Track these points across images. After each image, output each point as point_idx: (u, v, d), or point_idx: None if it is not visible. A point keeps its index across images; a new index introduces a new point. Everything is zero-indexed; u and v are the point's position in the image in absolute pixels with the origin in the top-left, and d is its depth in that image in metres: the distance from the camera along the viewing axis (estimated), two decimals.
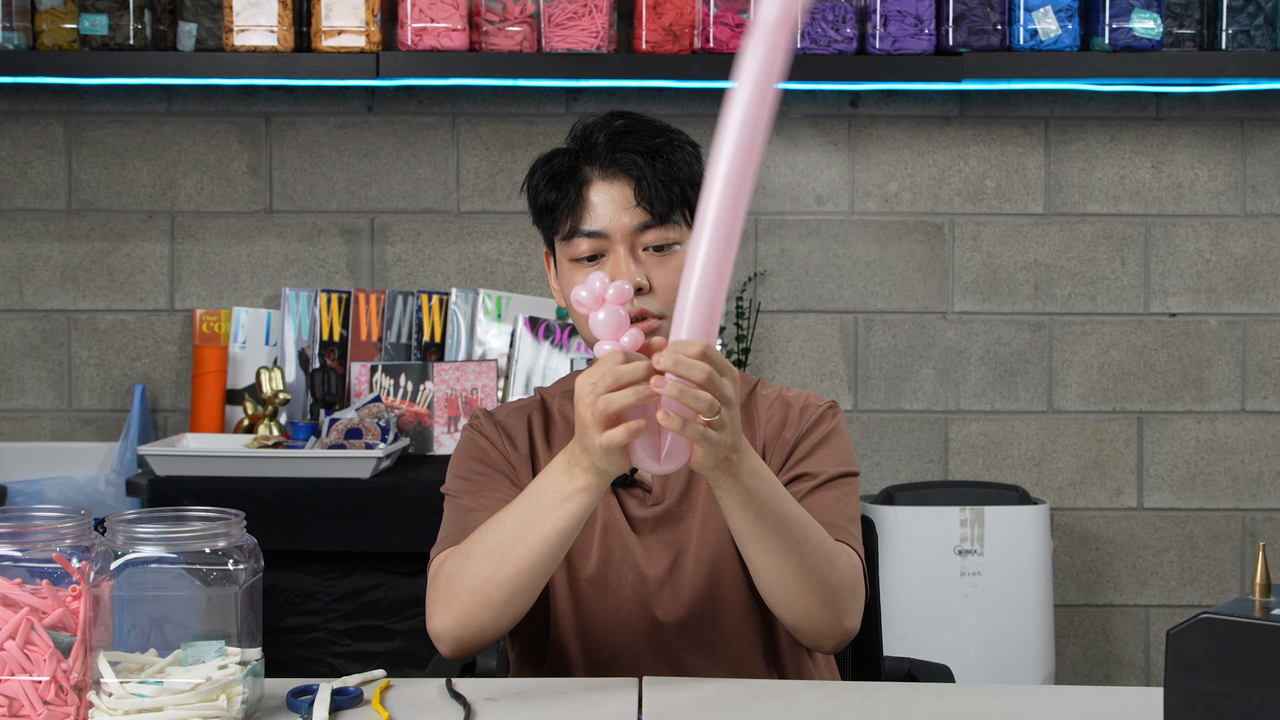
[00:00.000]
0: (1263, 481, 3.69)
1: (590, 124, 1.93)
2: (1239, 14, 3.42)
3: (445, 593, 1.79)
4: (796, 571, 1.74)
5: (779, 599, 1.77)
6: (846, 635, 1.82)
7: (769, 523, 1.70)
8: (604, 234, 1.88)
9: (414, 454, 3.45)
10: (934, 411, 3.68)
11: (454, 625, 1.78)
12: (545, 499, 1.71)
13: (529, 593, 1.75)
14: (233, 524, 1.58)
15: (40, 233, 3.62)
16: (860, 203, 3.65)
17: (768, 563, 1.74)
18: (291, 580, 3.14)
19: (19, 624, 1.53)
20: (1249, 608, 1.35)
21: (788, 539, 1.72)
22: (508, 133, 3.63)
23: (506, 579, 1.73)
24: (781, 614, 1.80)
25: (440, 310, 3.57)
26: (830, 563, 1.77)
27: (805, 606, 1.77)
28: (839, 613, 1.79)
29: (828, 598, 1.77)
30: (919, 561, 3.34)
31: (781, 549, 1.72)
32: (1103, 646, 3.70)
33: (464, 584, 1.76)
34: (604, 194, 1.89)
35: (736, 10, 3.39)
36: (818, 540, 1.75)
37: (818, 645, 1.84)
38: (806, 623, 1.79)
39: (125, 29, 3.36)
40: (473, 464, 1.95)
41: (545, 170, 1.93)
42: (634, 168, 1.88)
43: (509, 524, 1.74)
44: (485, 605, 1.75)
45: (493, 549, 1.74)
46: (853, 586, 1.81)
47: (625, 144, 1.90)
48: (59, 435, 3.63)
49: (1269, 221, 3.67)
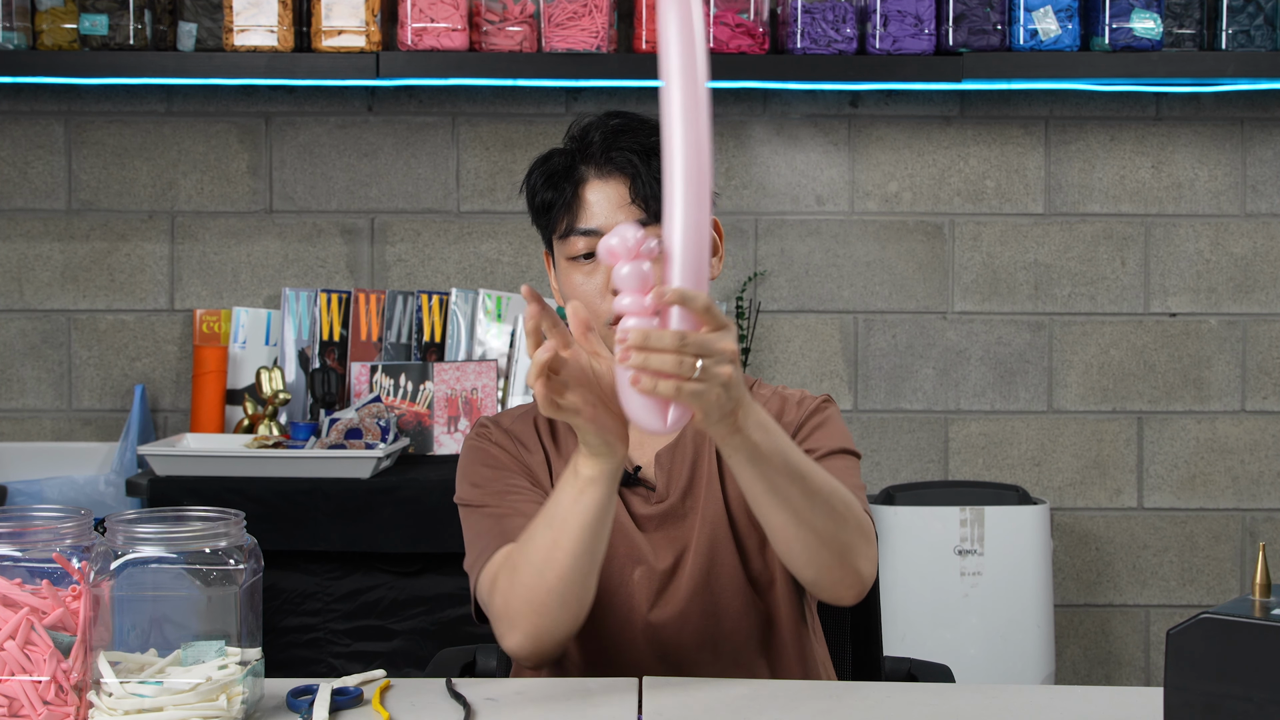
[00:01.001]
0: (1263, 481, 3.69)
1: (587, 124, 1.95)
2: (1239, 14, 3.42)
3: (505, 614, 1.80)
4: (814, 524, 1.72)
5: (798, 555, 1.76)
6: (865, 584, 1.80)
7: (780, 477, 1.69)
8: (599, 232, 1.89)
9: (414, 454, 3.45)
10: (934, 411, 3.68)
11: (525, 641, 1.79)
12: (564, 496, 1.73)
13: (580, 591, 1.76)
14: (233, 524, 1.58)
15: (40, 233, 3.62)
16: (860, 203, 3.65)
17: (783, 519, 1.72)
18: (291, 580, 3.14)
19: (19, 624, 1.53)
20: (1249, 608, 1.35)
21: (800, 491, 1.70)
22: (508, 133, 3.63)
23: (553, 584, 1.74)
24: (801, 570, 1.78)
25: (440, 310, 3.57)
26: (845, 510, 1.75)
27: (824, 560, 1.75)
28: (856, 560, 1.77)
29: (844, 547, 1.75)
30: (919, 561, 3.34)
31: (795, 502, 1.70)
32: (1103, 646, 3.70)
33: (519, 600, 1.77)
34: (599, 192, 1.90)
35: (736, 10, 3.39)
36: (829, 490, 1.74)
37: (838, 598, 1.82)
38: (826, 575, 1.77)
39: (125, 29, 3.36)
40: (487, 471, 1.96)
41: (542, 170, 1.94)
42: (628, 166, 1.89)
43: (540, 531, 1.76)
44: (543, 614, 1.76)
45: (534, 559, 1.75)
46: (867, 533, 1.80)
47: (620, 143, 1.91)
48: (59, 435, 3.63)
49: (1269, 221, 3.67)
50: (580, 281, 1.91)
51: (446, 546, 3.02)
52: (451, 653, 2.18)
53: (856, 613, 2.23)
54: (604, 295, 1.89)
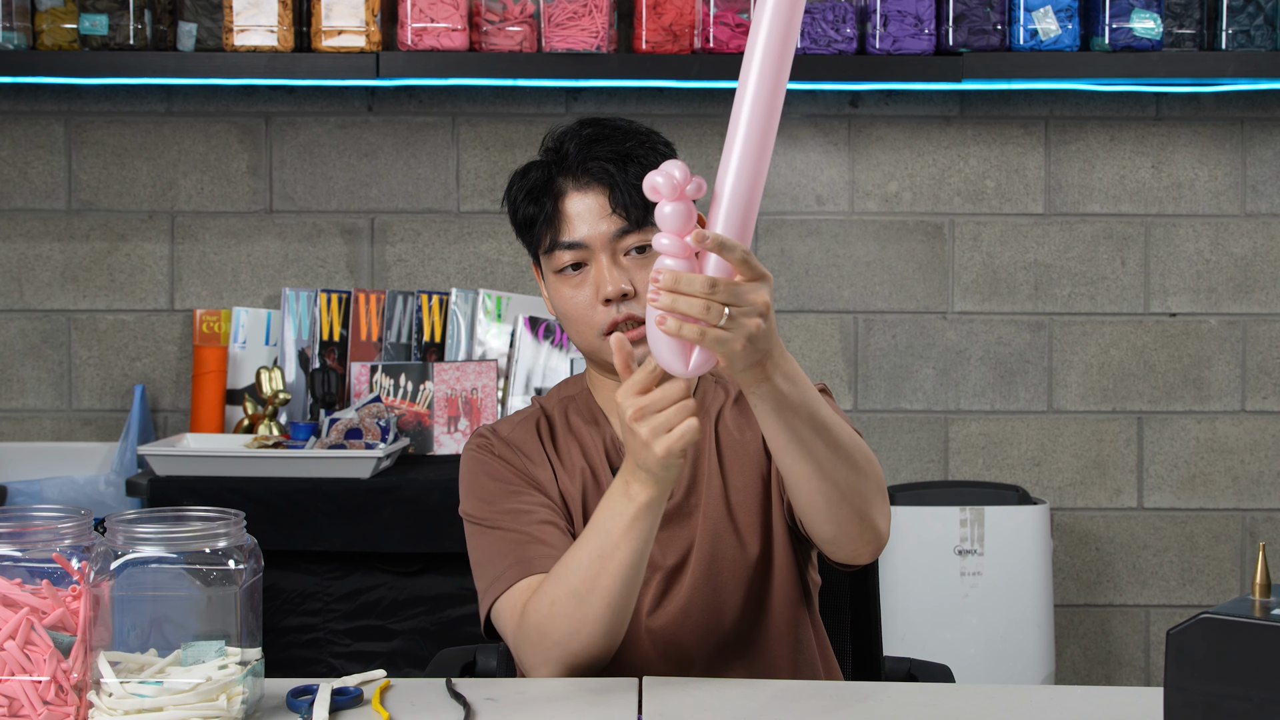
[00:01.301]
0: (1263, 481, 3.69)
1: (561, 134, 1.93)
2: (1239, 14, 3.42)
3: (539, 644, 1.78)
4: (836, 477, 1.71)
5: (820, 510, 1.74)
6: (881, 541, 1.80)
7: (805, 428, 1.68)
8: (583, 244, 1.88)
9: (414, 454, 3.45)
10: (934, 411, 3.68)
11: (560, 670, 1.78)
12: (614, 525, 1.71)
13: (623, 617, 1.76)
14: (233, 524, 1.58)
15: (40, 233, 3.62)
16: (860, 203, 3.65)
17: (808, 470, 1.71)
18: (291, 580, 3.14)
19: (19, 624, 1.53)
20: (1249, 608, 1.35)
21: (825, 443, 1.69)
22: (508, 133, 3.63)
23: (600, 613, 1.73)
24: (821, 526, 1.77)
25: (440, 310, 3.57)
26: (866, 465, 1.75)
27: (845, 515, 1.74)
28: (875, 517, 1.77)
29: (865, 502, 1.75)
30: (919, 561, 3.34)
31: (819, 454, 1.69)
32: (1103, 646, 3.70)
33: (559, 630, 1.76)
34: (580, 204, 1.89)
35: (736, 10, 3.39)
36: (852, 444, 1.74)
37: (856, 555, 1.81)
38: (845, 531, 1.76)
39: (125, 29, 3.36)
40: (493, 485, 1.94)
41: (521, 185, 1.93)
42: (605, 175, 1.88)
43: (585, 559, 1.74)
44: (586, 643, 1.75)
45: (577, 588, 1.74)
46: (882, 488, 1.80)
47: (595, 152, 1.89)
48: (59, 435, 3.63)
49: (1269, 221, 3.67)
50: (570, 294, 1.90)
51: (446, 546, 3.02)
52: (451, 653, 2.18)
53: (856, 613, 2.23)
54: (595, 306, 1.89)
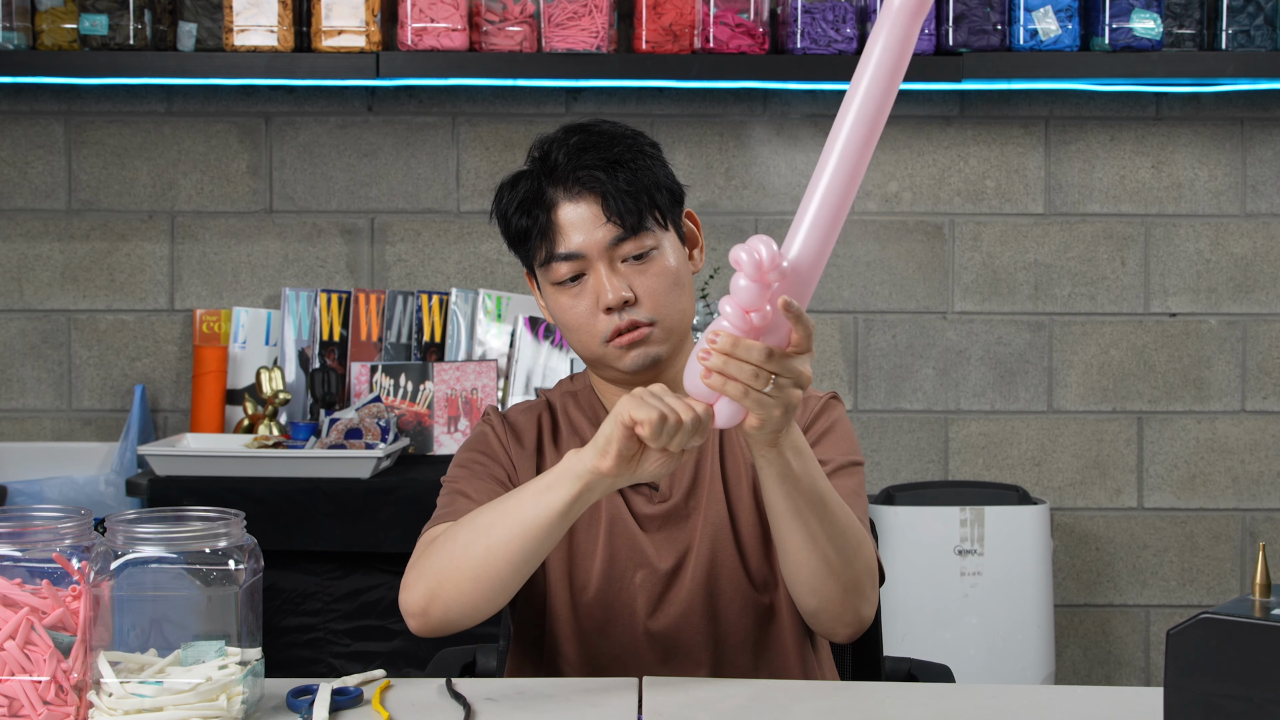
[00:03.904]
0: (1263, 481, 3.69)
1: (547, 143, 1.91)
2: (1239, 14, 3.42)
3: (417, 565, 1.80)
4: (827, 553, 1.74)
5: (805, 582, 1.77)
6: (862, 625, 1.82)
7: (803, 500, 1.71)
8: (580, 254, 1.87)
9: (414, 454, 3.45)
10: (934, 411, 3.68)
11: (420, 598, 1.77)
12: (531, 487, 1.73)
13: (496, 579, 1.74)
14: (233, 524, 1.58)
15: (40, 233, 3.62)
16: (860, 203, 3.65)
17: (800, 542, 1.73)
18: (291, 580, 3.14)
19: (19, 624, 1.53)
20: (1249, 608, 1.35)
21: (820, 520, 1.72)
22: (508, 133, 3.63)
23: (474, 557, 1.73)
24: (804, 599, 1.79)
25: (440, 310, 3.57)
26: (858, 547, 1.77)
27: (830, 591, 1.76)
28: (859, 600, 1.79)
29: (851, 584, 1.77)
30: (919, 561, 3.34)
31: (812, 528, 1.72)
32: (1103, 646, 3.70)
33: (437, 558, 1.77)
34: (573, 214, 1.87)
35: (736, 10, 3.39)
36: (848, 524, 1.76)
37: (833, 633, 1.83)
38: (828, 609, 1.79)
39: (125, 29, 3.36)
40: (474, 454, 1.97)
41: (511, 196, 1.91)
42: (596, 183, 1.86)
43: (490, 508, 1.76)
44: (452, 581, 1.75)
45: (472, 527, 1.75)
46: (872, 575, 1.82)
47: (584, 160, 1.87)
48: (59, 435, 3.63)
49: (1269, 221, 3.67)
50: (569, 304, 1.90)
51: None
52: (451, 653, 2.18)
53: None
54: (596, 314, 1.88)
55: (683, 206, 1.96)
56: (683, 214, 1.96)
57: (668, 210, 1.90)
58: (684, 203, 1.96)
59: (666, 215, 1.90)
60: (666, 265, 1.89)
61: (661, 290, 1.88)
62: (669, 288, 1.89)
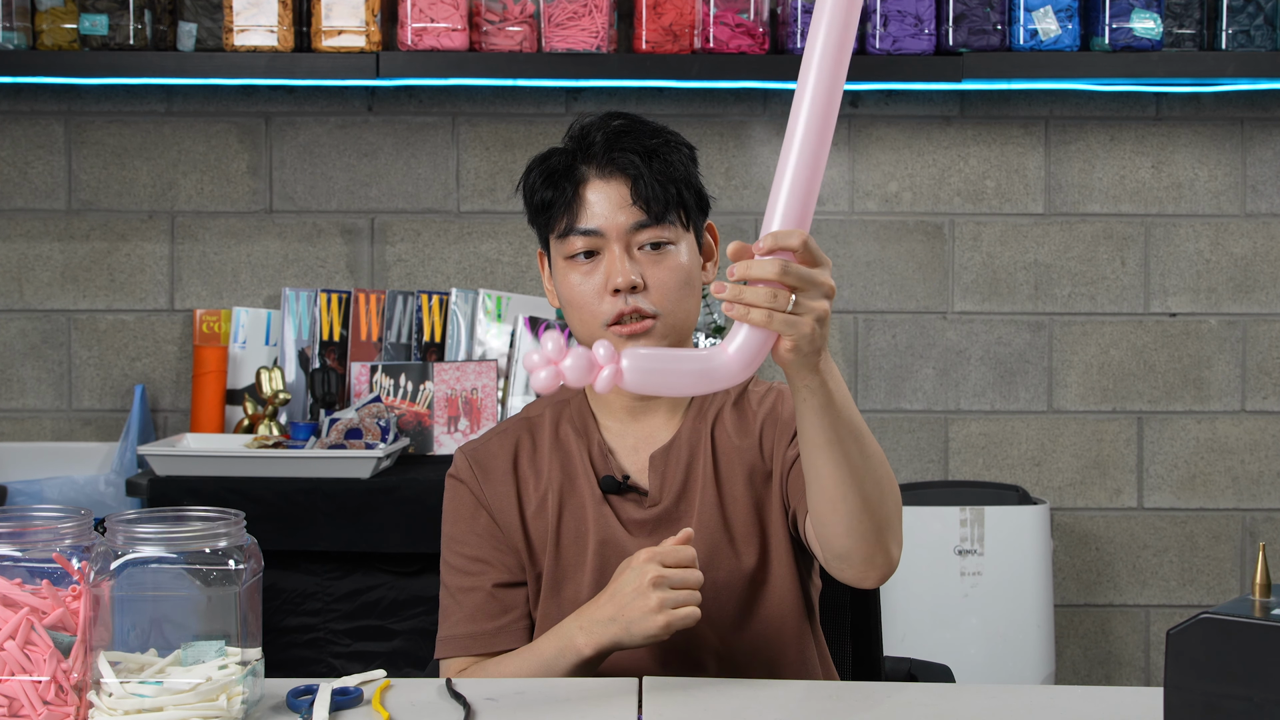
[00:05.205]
0: (1263, 481, 3.69)
1: (588, 124, 1.94)
2: (1239, 14, 3.42)
3: None
4: (865, 486, 1.70)
5: (841, 521, 1.72)
6: (891, 566, 1.77)
7: (844, 429, 1.67)
8: (599, 232, 1.89)
9: (414, 454, 3.45)
10: (934, 411, 3.68)
11: None
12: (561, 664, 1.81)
13: None
14: (233, 524, 1.58)
15: (40, 233, 3.62)
16: (860, 203, 3.65)
17: (842, 476, 1.69)
18: (291, 580, 3.14)
19: (19, 624, 1.53)
20: (1249, 608, 1.35)
21: (859, 450, 1.69)
22: (508, 133, 3.63)
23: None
24: (838, 540, 1.74)
25: (440, 310, 3.57)
26: (890, 482, 1.74)
27: (864, 529, 1.71)
28: (889, 539, 1.75)
29: (884, 520, 1.73)
30: (919, 561, 3.34)
31: (852, 460, 1.68)
32: (1103, 646, 3.70)
33: None
34: (600, 193, 1.90)
35: (736, 10, 3.39)
36: (880, 457, 1.73)
37: (863, 577, 1.77)
38: (860, 549, 1.73)
39: (125, 29, 3.36)
40: (454, 531, 1.96)
41: (542, 169, 1.94)
42: (631, 167, 1.89)
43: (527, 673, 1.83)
44: None
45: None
46: (900, 511, 1.78)
47: (623, 144, 1.91)
48: (59, 435, 3.63)
49: (1269, 221, 3.67)
50: (578, 281, 1.91)
51: None
52: None
53: (856, 613, 2.23)
54: (602, 295, 1.89)
55: (707, 215, 1.98)
56: (705, 224, 1.98)
57: (693, 211, 1.93)
58: (709, 214, 1.98)
59: (690, 216, 1.92)
60: (680, 262, 1.91)
61: (671, 285, 1.89)
62: (679, 284, 1.90)
